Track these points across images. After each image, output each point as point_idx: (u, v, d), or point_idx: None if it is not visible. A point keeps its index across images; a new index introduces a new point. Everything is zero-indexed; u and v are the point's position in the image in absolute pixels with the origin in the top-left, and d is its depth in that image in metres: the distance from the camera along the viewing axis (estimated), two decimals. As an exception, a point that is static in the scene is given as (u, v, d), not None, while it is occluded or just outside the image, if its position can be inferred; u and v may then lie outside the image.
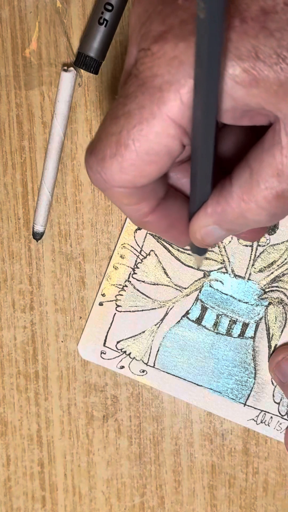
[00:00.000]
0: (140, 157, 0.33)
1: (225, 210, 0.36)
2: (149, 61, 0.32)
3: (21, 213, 0.49)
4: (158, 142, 0.33)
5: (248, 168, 0.34)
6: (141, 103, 0.33)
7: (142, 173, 0.34)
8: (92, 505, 0.51)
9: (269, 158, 0.33)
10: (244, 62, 0.31)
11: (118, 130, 0.33)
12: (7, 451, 0.51)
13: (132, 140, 0.33)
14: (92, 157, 0.35)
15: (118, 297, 0.49)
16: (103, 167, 0.34)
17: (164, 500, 0.51)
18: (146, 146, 0.33)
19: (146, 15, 0.34)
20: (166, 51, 0.32)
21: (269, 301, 0.48)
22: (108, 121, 0.34)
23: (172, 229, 0.39)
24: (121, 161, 0.34)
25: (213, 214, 0.36)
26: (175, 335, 0.49)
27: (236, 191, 0.35)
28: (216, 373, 0.49)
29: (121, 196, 0.36)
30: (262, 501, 0.50)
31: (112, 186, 0.35)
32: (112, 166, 0.34)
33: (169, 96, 0.32)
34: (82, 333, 0.49)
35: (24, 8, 0.47)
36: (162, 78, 0.32)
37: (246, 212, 0.35)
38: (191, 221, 0.38)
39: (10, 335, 0.50)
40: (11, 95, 0.48)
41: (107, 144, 0.34)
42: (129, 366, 0.49)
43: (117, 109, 0.34)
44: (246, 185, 0.34)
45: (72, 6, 0.47)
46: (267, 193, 0.34)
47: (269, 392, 0.49)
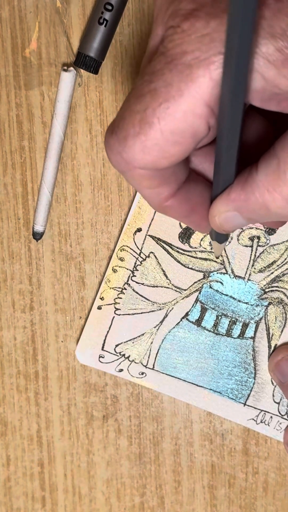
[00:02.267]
0: (164, 137, 0.32)
1: (248, 198, 0.35)
2: (179, 38, 0.32)
3: (21, 213, 0.49)
4: (184, 121, 0.32)
5: (276, 158, 0.34)
6: (169, 80, 0.32)
7: (165, 154, 0.33)
8: (92, 505, 0.51)
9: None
10: (278, 40, 0.30)
11: (142, 108, 0.32)
12: (7, 451, 0.51)
13: (158, 118, 0.32)
14: (113, 136, 0.33)
15: (117, 300, 0.49)
16: (124, 147, 0.33)
17: (164, 500, 0.51)
18: (172, 125, 0.32)
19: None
20: (198, 28, 0.31)
21: (269, 301, 0.48)
22: (133, 99, 0.33)
23: (193, 214, 0.38)
24: (144, 140, 0.32)
25: (235, 200, 0.35)
26: (174, 336, 0.49)
27: (262, 180, 0.34)
28: (216, 373, 0.49)
29: (141, 178, 0.35)
30: (262, 501, 0.50)
31: (133, 167, 0.34)
32: (135, 146, 0.33)
33: (198, 73, 0.31)
34: (80, 338, 0.49)
35: (24, 8, 0.47)
36: (192, 55, 0.31)
37: (269, 203, 0.34)
38: (212, 204, 0.37)
39: (10, 335, 0.50)
40: (11, 95, 0.48)
41: (131, 122, 0.33)
42: (128, 369, 0.49)
43: (142, 86, 0.32)
44: (272, 175, 0.34)
45: (72, 6, 0.47)
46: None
47: (269, 392, 0.49)
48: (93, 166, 0.48)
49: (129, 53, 0.47)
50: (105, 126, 0.48)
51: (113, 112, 0.48)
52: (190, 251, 0.48)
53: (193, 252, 0.48)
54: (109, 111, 0.48)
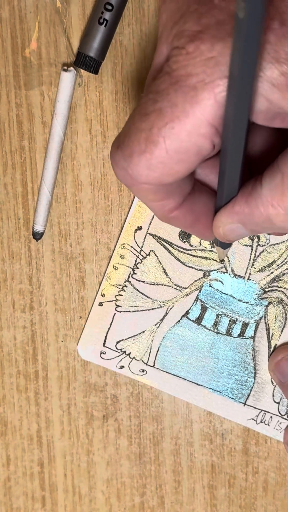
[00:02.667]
0: (169, 155, 0.33)
1: (252, 212, 0.35)
2: (184, 59, 0.32)
3: (21, 213, 0.49)
4: (188, 141, 0.33)
5: (280, 173, 0.34)
6: (174, 101, 0.32)
7: (170, 171, 0.34)
8: (92, 505, 0.51)
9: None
10: (282, 65, 0.31)
11: (148, 126, 0.33)
12: (7, 451, 0.51)
13: (163, 138, 0.33)
14: (118, 152, 0.34)
15: (118, 297, 0.49)
16: (130, 163, 0.34)
17: (164, 500, 0.51)
18: (177, 144, 0.33)
19: (179, 13, 0.33)
20: (203, 51, 0.32)
21: (269, 300, 0.48)
22: (137, 117, 0.33)
23: (197, 224, 0.39)
24: (150, 158, 0.33)
25: (239, 213, 0.36)
26: (175, 335, 0.49)
27: (266, 195, 0.35)
28: (216, 372, 0.49)
29: (147, 192, 0.35)
30: (262, 501, 0.50)
31: (138, 183, 0.34)
32: (140, 163, 0.33)
33: (203, 96, 0.32)
34: (82, 334, 0.49)
35: (24, 8, 0.47)
36: (197, 77, 0.32)
37: (273, 217, 0.35)
38: (216, 216, 0.38)
39: (10, 335, 0.50)
40: (11, 95, 0.48)
41: (136, 140, 0.33)
42: (129, 366, 0.49)
43: (147, 105, 0.33)
44: (276, 189, 0.34)
45: (72, 6, 0.47)
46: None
47: (269, 392, 0.49)
48: (93, 166, 0.48)
49: (129, 53, 0.47)
50: (105, 126, 0.48)
51: (113, 112, 0.48)
52: (190, 249, 0.48)
53: (193, 250, 0.48)
54: (109, 111, 0.48)
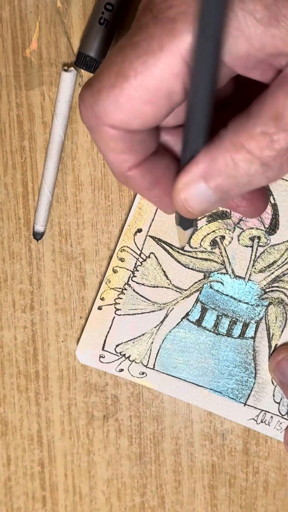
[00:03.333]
0: (138, 93, 0.31)
1: (215, 157, 0.32)
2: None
3: (21, 213, 0.49)
4: (160, 79, 0.31)
5: (246, 113, 0.32)
6: (151, 33, 0.30)
7: (138, 113, 0.32)
8: (92, 505, 0.51)
9: (271, 100, 0.31)
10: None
11: (121, 60, 0.31)
12: (8, 451, 0.51)
13: (134, 72, 0.31)
14: (87, 89, 0.32)
15: (117, 300, 0.49)
16: (97, 100, 0.32)
17: (164, 500, 0.51)
18: (148, 81, 0.31)
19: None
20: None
21: (269, 301, 0.48)
22: (113, 52, 0.32)
23: (155, 188, 0.36)
24: (118, 94, 0.31)
25: (200, 163, 0.33)
26: (175, 336, 0.49)
27: (229, 136, 0.32)
28: (216, 373, 0.49)
29: (109, 138, 0.33)
30: (263, 501, 0.50)
31: (103, 124, 0.32)
32: (108, 99, 0.31)
33: (181, 28, 0.30)
34: (80, 338, 0.49)
35: (25, 8, 0.47)
36: (177, 8, 0.30)
37: (238, 162, 0.32)
38: (177, 177, 0.34)
39: (10, 335, 0.50)
40: (11, 95, 0.48)
41: (107, 74, 0.31)
42: (129, 369, 0.49)
43: (125, 40, 0.31)
44: (241, 128, 0.32)
45: (73, 6, 0.47)
46: (262, 138, 0.31)
47: (269, 392, 0.49)
48: (94, 166, 0.48)
49: (130, 53, 0.47)
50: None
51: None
52: (190, 251, 0.48)
53: (193, 252, 0.48)
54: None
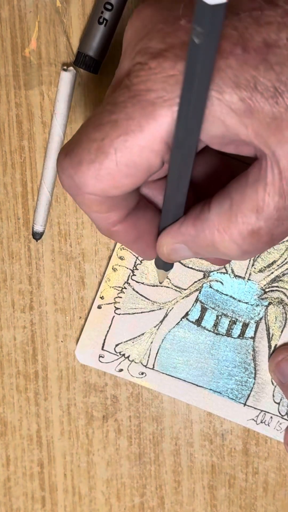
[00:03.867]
0: (118, 168, 0.33)
1: (198, 234, 0.36)
2: (145, 75, 0.32)
3: (20, 213, 0.49)
4: (140, 156, 0.33)
5: (229, 199, 0.34)
6: (130, 114, 0.32)
7: (117, 184, 0.34)
8: (92, 505, 0.51)
9: (251, 193, 0.33)
10: (242, 91, 0.31)
11: (101, 137, 0.33)
12: (7, 451, 0.51)
13: (114, 149, 0.33)
14: (66, 159, 0.34)
15: (117, 299, 0.49)
16: (77, 171, 0.34)
17: (164, 500, 0.51)
18: (128, 158, 0.33)
19: (144, 31, 0.34)
20: (164, 68, 0.32)
21: (269, 301, 0.48)
22: (91, 127, 0.34)
23: (139, 241, 0.39)
24: (99, 168, 0.33)
25: (185, 234, 0.37)
26: (174, 336, 0.49)
27: (213, 220, 0.35)
28: (216, 373, 0.49)
29: (91, 203, 0.35)
30: (262, 501, 0.50)
31: (83, 192, 0.34)
32: (88, 172, 0.33)
33: (161, 112, 0.32)
34: (80, 338, 0.49)
35: (24, 7, 0.47)
36: (156, 93, 0.32)
37: (218, 243, 0.35)
38: (161, 235, 0.38)
39: (9, 335, 0.50)
40: (10, 95, 0.48)
41: (87, 149, 0.33)
42: (128, 369, 0.49)
43: (103, 115, 0.33)
44: (224, 215, 0.34)
45: (72, 6, 0.47)
46: (243, 228, 0.34)
47: (269, 392, 0.49)
48: (93, 166, 0.48)
49: (129, 53, 0.47)
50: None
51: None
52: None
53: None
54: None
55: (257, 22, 0.32)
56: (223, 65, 0.31)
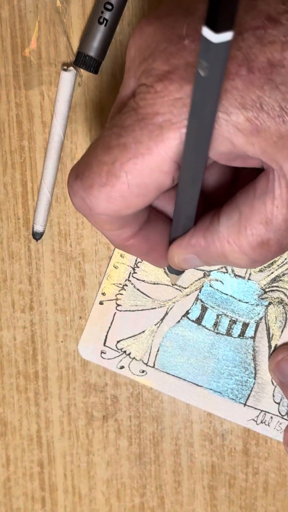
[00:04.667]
0: (130, 190, 0.34)
1: (208, 246, 0.37)
2: (151, 98, 0.33)
3: (20, 213, 0.49)
4: (150, 177, 0.33)
5: (238, 211, 0.35)
6: (139, 138, 0.33)
7: (129, 204, 0.34)
8: (92, 505, 0.51)
9: (259, 205, 0.34)
10: (248, 111, 0.32)
11: (111, 160, 0.33)
12: (7, 451, 0.51)
13: (125, 173, 0.33)
14: (77, 182, 0.35)
15: (118, 296, 0.49)
16: (89, 195, 0.34)
17: (164, 500, 0.50)
18: (138, 180, 0.33)
19: (148, 50, 0.34)
20: (171, 91, 0.32)
21: (269, 301, 0.48)
22: (100, 149, 0.34)
23: (152, 252, 0.40)
24: (110, 191, 0.34)
25: (195, 246, 0.37)
26: (175, 335, 0.49)
27: (223, 232, 0.36)
28: (216, 373, 0.49)
29: (104, 222, 0.36)
30: (262, 502, 0.50)
31: (96, 214, 0.35)
32: (100, 195, 0.34)
33: (168, 135, 0.32)
34: (83, 333, 0.49)
35: (24, 7, 0.47)
36: (163, 116, 0.32)
37: (228, 254, 0.36)
38: (172, 246, 0.39)
39: (9, 335, 0.50)
40: (10, 95, 0.48)
41: (97, 173, 0.34)
42: (129, 366, 0.49)
43: (111, 139, 0.34)
44: (233, 227, 0.35)
45: (72, 6, 0.47)
46: (253, 239, 0.35)
47: (269, 392, 0.49)
48: (93, 166, 0.48)
49: (129, 53, 0.47)
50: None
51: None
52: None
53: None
54: (109, 111, 0.48)
55: (260, 42, 0.32)
56: (229, 86, 0.32)
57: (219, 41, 0.25)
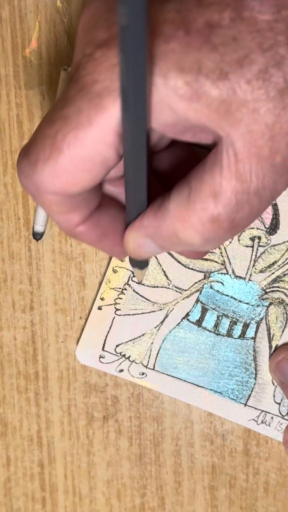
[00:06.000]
0: (74, 163, 0.32)
1: (160, 225, 0.35)
2: (91, 66, 0.32)
3: (21, 213, 0.49)
4: (93, 149, 0.32)
5: (187, 187, 0.34)
6: (79, 108, 0.32)
7: (75, 180, 0.33)
8: (92, 506, 0.51)
9: (208, 177, 0.32)
10: (187, 74, 0.30)
11: (53, 133, 0.32)
12: (7, 451, 0.51)
13: (67, 145, 0.32)
14: (24, 159, 0.34)
15: (117, 300, 0.49)
16: (35, 171, 0.33)
17: (164, 501, 0.50)
18: (81, 152, 0.32)
19: (93, 21, 0.33)
20: (109, 57, 0.31)
21: (270, 301, 0.48)
22: (44, 123, 0.33)
23: (104, 240, 0.38)
24: (54, 165, 0.32)
25: (147, 227, 0.36)
26: (175, 337, 0.49)
27: (173, 209, 0.34)
28: (217, 374, 0.49)
29: (51, 203, 0.35)
30: (263, 502, 0.50)
31: (43, 192, 0.34)
32: (45, 170, 0.33)
33: (108, 102, 0.31)
34: (80, 338, 0.49)
35: (24, 7, 0.47)
36: (102, 84, 0.31)
37: (179, 232, 0.34)
38: (126, 231, 0.37)
39: (10, 335, 0.50)
40: (11, 95, 0.48)
41: (41, 147, 0.33)
42: (129, 369, 0.49)
43: (55, 111, 0.33)
44: (183, 203, 0.33)
45: (73, 6, 0.47)
46: (202, 214, 0.33)
47: (269, 393, 0.49)
48: (94, 166, 0.48)
49: (130, 53, 0.47)
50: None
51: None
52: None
53: (193, 252, 0.48)
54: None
55: (199, 4, 0.31)
56: (165, 49, 0.30)
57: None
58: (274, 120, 0.31)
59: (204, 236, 0.34)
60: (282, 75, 0.30)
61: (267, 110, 0.30)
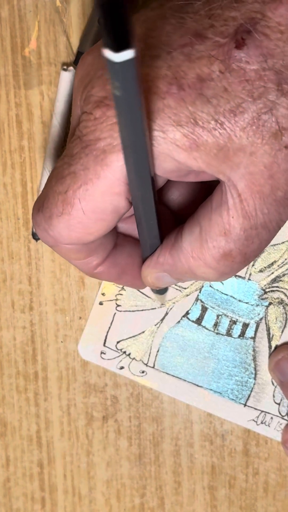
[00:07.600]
0: (86, 215, 0.34)
1: (175, 263, 0.37)
2: (92, 125, 0.33)
3: (20, 213, 0.49)
4: (103, 200, 0.34)
5: (198, 226, 0.36)
6: (86, 164, 0.34)
7: (89, 230, 0.35)
8: (92, 506, 0.51)
9: (216, 217, 0.35)
10: (183, 127, 0.32)
11: (64, 189, 0.34)
12: (7, 452, 0.51)
13: (78, 199, 0.34)
14: (39, 214, 0.36)
15: (118, 296, 0.49)
16: (50, 225, 0.35)
17: (164, 501, 0.50)
18: (92, 204, 0.34)
19: (88, 78, 0.35)
20: (108, 116, 0.33)
21: (270, 301, 0.48)
22: (54, 180, 0.35)
23: (124, 276, 0.41)
24: (68, 219, 0.35)
25: (164, 264, 0.38)
26: (175, 335, 0.49)
27: (186, 248, 0.36)
28: (216, 373, 0.49)
29: (69, 252, 0.37)
30: (263, 502, 0.50)
31: (60, 243, 0.36)
32: (60, 224, 0.35)
33: (112, 158, 0.33)
34: (83, 333, 0.49)
35: (24, 7, 0.47)
36: (104, 141, 0.33)
37: (194, 269, 0.36)
38: (143, 267, 0.40)
39: (9, 335, 0.50)
40: (10, 95, 0.48)
41: (54, 203, 0.35)
42: (129, 367, 0.49)
43: (63, 168, 0.35)
44: (195, 242, 0.36)
45: (72, 5, 0.47)
46: (215, 252, 0.35)
47: (269, 393, 0.49)
48: (93, 166, 0.48)
49: (129, 53, 0.47)
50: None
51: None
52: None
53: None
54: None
55: (189, 59, 0.32)
56: (161, 105, 0.32)
57: (121, 60, 0.25)
58: (271, 160, 0.33)
59: (219, 272, 0.36)
60: (274, 119, 0.32)
61: (263, 152, 0.32)
